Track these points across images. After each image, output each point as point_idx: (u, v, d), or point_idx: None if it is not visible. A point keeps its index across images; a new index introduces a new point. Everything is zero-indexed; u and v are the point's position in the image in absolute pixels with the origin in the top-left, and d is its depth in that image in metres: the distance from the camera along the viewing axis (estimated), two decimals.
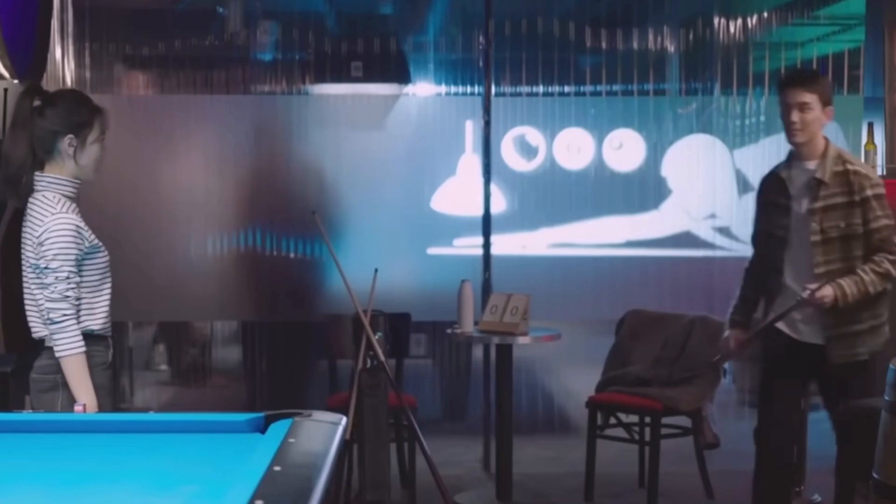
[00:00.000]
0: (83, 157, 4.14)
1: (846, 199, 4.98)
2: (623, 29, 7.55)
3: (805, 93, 4.97)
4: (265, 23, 7.61)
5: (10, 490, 2.74)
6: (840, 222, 4.99)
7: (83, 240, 4.07)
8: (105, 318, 4.18)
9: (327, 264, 5.62)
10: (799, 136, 5.02)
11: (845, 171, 5.00)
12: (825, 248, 5.00)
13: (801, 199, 5.07)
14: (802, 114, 4.98)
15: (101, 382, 4.09)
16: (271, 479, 2.49)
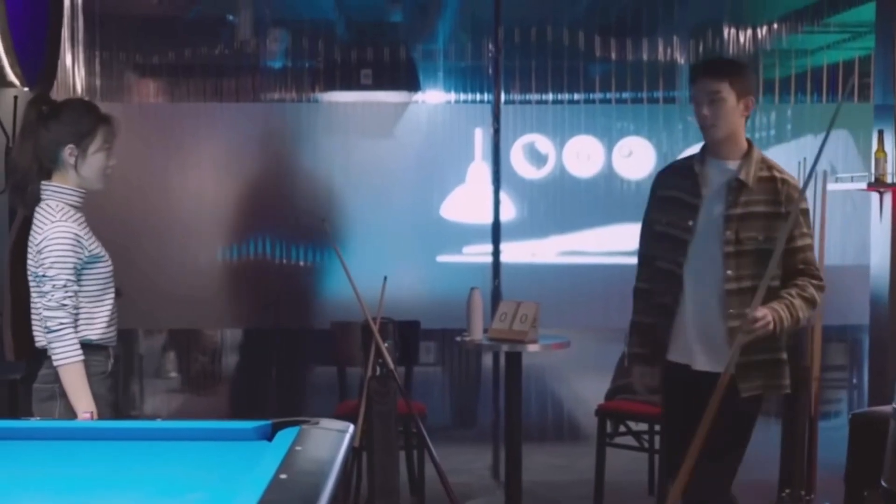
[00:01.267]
0: (85, 167, 4.13)
1: (769, 209, 4.34)
2: (633, 37, 7.55)
3: (714, 82, 4.36)
4: (275, 31, 7.62)
5: (19, 496, 2.74)
6: (759, 234, 4.33)
7: (83, 249, 4.06)
8: (105, 328, 4.16)
9: (337, 272, 5.62)
10: (712, 132, 4.38)
11: (772, 177, 4.39)
12: (738, 261, 4.33)
13: (716, 202, 4.40)
14: (713, 106, 4.35)
15: (99, 392, 4.08)
16: (277, 487, 2.49)
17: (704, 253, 4.37)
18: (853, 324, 7.38)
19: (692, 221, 4.40)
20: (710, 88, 4.35)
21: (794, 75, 7.45)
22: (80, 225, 4.10)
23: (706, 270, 4.37)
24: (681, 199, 4.45)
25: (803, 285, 4.33)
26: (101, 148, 4.15)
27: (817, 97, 7.45)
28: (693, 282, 4.40)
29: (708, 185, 4.42)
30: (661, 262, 4.51)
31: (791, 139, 7.42)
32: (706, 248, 4.37)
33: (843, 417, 7.13)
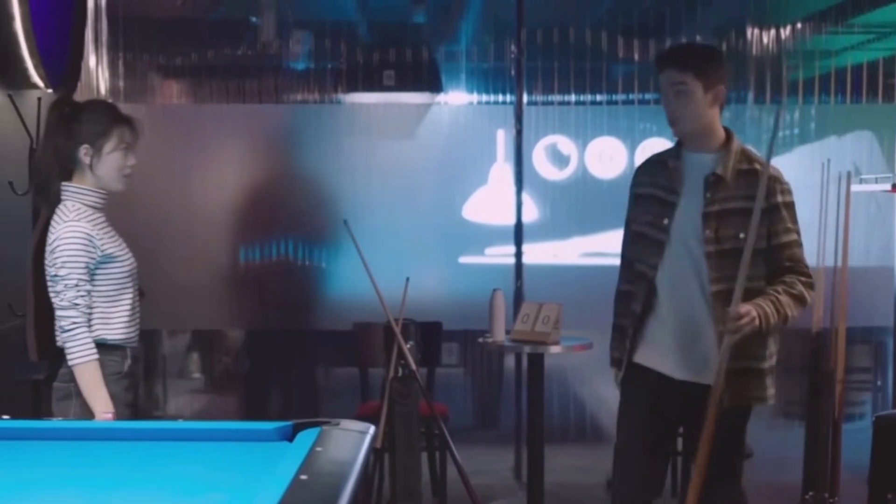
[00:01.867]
0: (100, 167, 4.15)
1: (750, 204, 3.98)
2: (655, 38, 7.52)
3: (678, 73, 4.07)
4: (298, 32, 7.63)
5: (42, 496, 2.76)
6: (739, 232, 4.01)
7: (95, 248, 4.07)
8: (123, 328, 4.17)
9: (359, 273, 5.61)
10: (678, 126, 4.12)
11: (752, 170, 4.08)
12: (721, 261, 4.03)
13: (693, 198, 4.11)
14: (678, 98, 4.07)
15: (114, 392, 4.09)
16: (298, 488, 2.50)
17: (685, 254, 4.10)
18: (877, 325, 7.35)
19: (667, 220, 4.12)
20: (674, 79, 4.09)
21: (818, 76, 7.42)
22: (94, 225, 4.11)
23: (687, 273, 4.10)
24: (657, 197, 4.19)
25: (791, 282, 4.06)
26: (117, 148, 4.15)
27: (841, 98, 7.41)
28: (671, 285, 4.13)
29: (684, 181, 4.14)
30: (637, 264, 4.26)
31: (815, 140, 7.39)
32: (686, 248, 4.10)
33: (866, 420, 7.10)
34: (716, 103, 4.11)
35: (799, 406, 6.23)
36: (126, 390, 4.16)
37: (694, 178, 4.12)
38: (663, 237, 4.12)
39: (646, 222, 4.19)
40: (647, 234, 4.18)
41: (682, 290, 4.11)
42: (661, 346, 4.17)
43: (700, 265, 4.06)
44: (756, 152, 4.23)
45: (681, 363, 4.13)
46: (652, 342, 4.20)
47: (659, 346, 4.17)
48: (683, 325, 4.12)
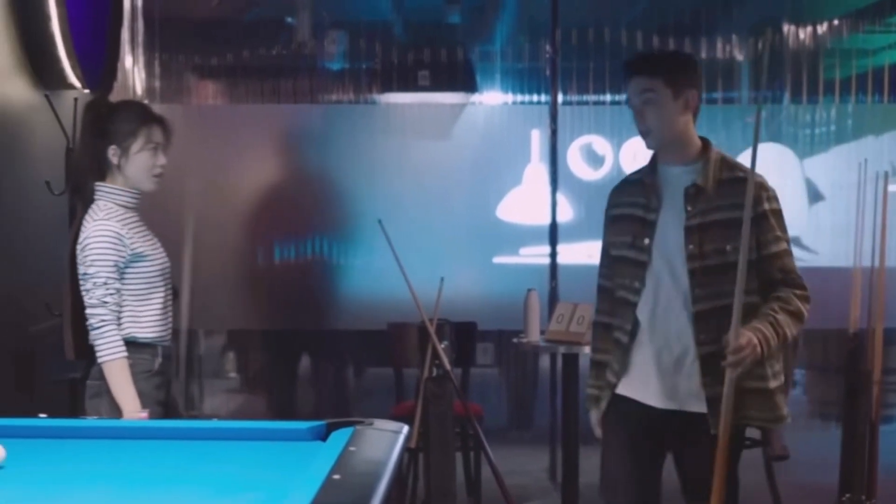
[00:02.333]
0: (129, 167, 4.18)
1: (735, 214, 3.70)
2: (691, 37, 7.50)
3: (645, 79, 3.81)
4: (333, 32, 7.65)
5: (80, 494, 2.78)
6: (725, 244, 3.74)
7: (124, 247, 4.10)
8: (153, 326, 4.19)
9: (393, 273, 5.61)
10: (649, 138, 3.86)
11: (735, 178, 3.79)
12: (706, 278, 3.74)
13: (673, 213, 3.83)
14: (647, 108, 3.81)
15: (144, 390, 4.11)
16: (331, 488, 2.50)
17: (667, 274, 3.81)
18: None
19: (648, 239, 3.83)
20: (641, 87, 3.82)
21: (854, 75, 7.38)
22: (123, 224, 4.14)
23: (670, 293, 3.80)
24: (634, 216, 3.90)
25: (787, 297, 3.77)
26: (144, 148, 4.17)
27: (878, 98, 7.37)
28: (653, 308, 3.83)
29: (662, 197, 3.85)
30: (618, 291, 3.96)
31: (851, 139, 7.35)
32: (669, 267, 3.80)
33: None
34: (688, 110, 3.83)
35: (835, 407, 6.20)
36: (156, 388, 4.18)
37: (672, 192, 3.84)
38: (644, 258, 3.84)
39: (625, 244, 3.91)
40: (626, 256, 3.90)
41: (666, 312, 3.81)
42: (643, 375, 3.87)
43: (684, 284, 3.77)
44: (735, 159, 3.95)
45: (665, 391, 3.84)
46: (634, 371, 3.90)
47: (641, 375, 3.88)
48: (666, 350, 3.83)
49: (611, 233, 4.01)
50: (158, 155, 4.21)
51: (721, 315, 3.66)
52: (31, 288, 5.41)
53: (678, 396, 3.82)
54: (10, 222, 5.39)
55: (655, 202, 3.85)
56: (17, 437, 3.26)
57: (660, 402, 3.84)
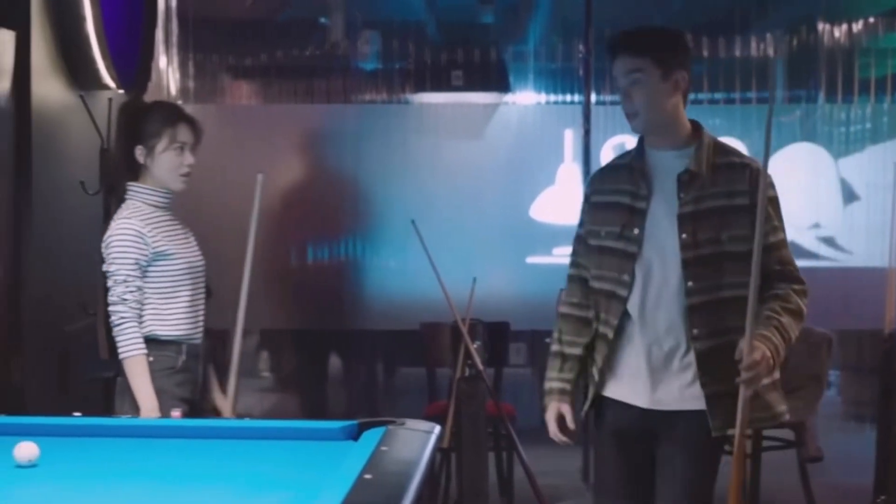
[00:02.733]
0: (155, 167, 4.22)
1: (730, 201, 3.52)
2: (725, 36, 7.47)
3: (632, 58, 3.56)
4: (366, 32, 7.66)
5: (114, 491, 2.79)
6: (720, 233, 3.51)
7: (146, 245, 4.13)
8: (177, 324, 4.21)
9: (426, 272, 5.61)
10: (636, 121, 3.60)
11: (730, 163, 3.57)
12: (699, 269, 3.51)
13: (664, 201, 3.58)
14: (634, 88, 3.55)
15: (165, 387, 4.14)
16: (362, 487, 2.50)
17: (659, 266, 3.56)
18: None
19: (638, 229, 3.57)
20: (627, 66, 3.56)
21: (890, 74, 7.33)
22: (147, 222, 4.17)
23: (662, 287, 3.55)
24: (621, 205, 3.63)
25: (786, 295, 3.54)
26: (169, 148, 4.20)
27: None
28: (643, 303, 3.57)
29: (651, 183, 3.60)
30: (600, 282, 3.67)
31: (887, 139, 7.30)
32: (661, 259, 3.55)
33: None
34: (677, 92, 3.58)
35: (870, 408, 6.16)
36: (179, 385, 4.20)
37: (662, 178, 3.59)
38: (633, 248, 3.57)
39: (611, 234, 3.63)
40: (612, 247, 3.62)
41: (656, 306, 3.56)
42: (631, 373, 3.62)
43: (675, 276, 3.53)
44: (728, 144, 3.77)
45: (654, 390, 3.59)
46: (621, 369, 3.65)
47: (629, 374, 3.63)
48: (656, 346, 3.58)
49: (593, 221, 3.71)
50: (185, 154, 4.23)
51: (716, 308, 3.50)
52: (66, 287, 5.44)
53: (669, 395, 3.58)
54: (46, 222, 5.42)
55: (645, 189, 3.59)
56: (52, 435, 3.28)
57: (649, 402, 3.60)
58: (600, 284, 3.67)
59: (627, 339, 3.62)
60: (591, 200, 3.74)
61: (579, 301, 3.77)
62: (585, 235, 3.74)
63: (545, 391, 3.80)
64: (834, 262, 7.23)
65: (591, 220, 3.72)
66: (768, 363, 3.41)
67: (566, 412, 3.73)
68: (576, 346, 3.75)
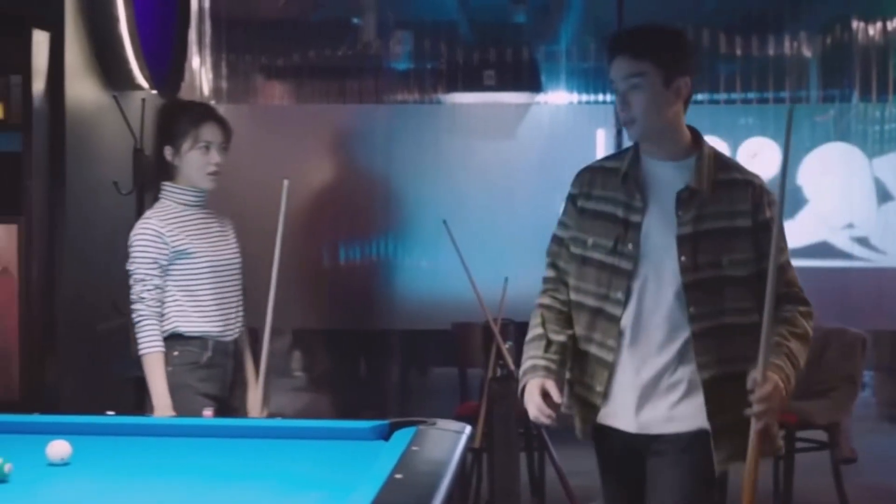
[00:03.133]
0: (183, 166, 4.28)
1: (732, 222, 3.30)
2: (759, 35, 7.43)
3: (631, 61, 3.30)
4: (398, 32, 7.67)
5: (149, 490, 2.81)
6: (720, 257, 3.28)
7: (165, 245, 4.20)
8: (201, 320, 4.26)
9: (458, 272, 5.61)
10: (633, 129, 3.34)
11: (732, 180, 3.34)
12: (700, 294, 3.27)
13: (661, 217, 3.33)
14: (632, 94, 3.30)
15: (187, 382, 4.20)
16: (392, 487, 2.51)
17: (653, 285, 3.32)
18: None
19: (632, 244, 3.32)
20: (627, 70, 3.31)
21: None
22: (168, 221, 4.24)
23: (653, 307, 3.32)
24: (614, 216, 3.36)
25: (793, 319, 3.32)
26: (195, 147, 4.25)
27: None
28: (634, 322, 3.33)
29: (646, 195, 3.35)
30: (578, 295, 3.44)
31: None
32: (655, 278, 3.31)
33: None
34: (679, 99, 3.33)
35: None
36: (202, 381, 4.23)
37: (659, 191, 3.35)
38: (626, 265, 3.32)
39: (600, 247, 3.37)
40: (601, 261, 3.36)
41: (647, 325, 3.32)
42: (622, 397, 3.38)
43: (670, 297, 3.29)
44: (728, 156, 3.55)
45: (643, 413, 3.35)
46: (613, 392, 3.40)
47: (620, 397, 3.38)
48: (645, 367, 3.33)
49: (580, 228, 3.44)
50: (211, 153, 4.27)
51: (720, 335, 3.28)
52: (99, 287, 5.47)
53: (656, 418, 3.34)
54: (79, 222, 5.45)
55: (639, 201, 3.34)
56: (85, 433, 3.30)
57: (636, 426, 3.36)
58: (579, 297, 3.43)
59: (619, 362, 3.36)
60: (578, 205, 3.47)
61: (564, 299, 3.48)
62: (568, 241, 3.47)
63: (525, 369, 3.44)
64: (868, 263, 7.18)
65: (577, 226, 3.45)
66: (781, 394, 3.19)
67: (551, 388, 3.34)
68: (560, 334, 3.45)
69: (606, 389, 3.39)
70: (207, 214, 4.36)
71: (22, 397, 5.03)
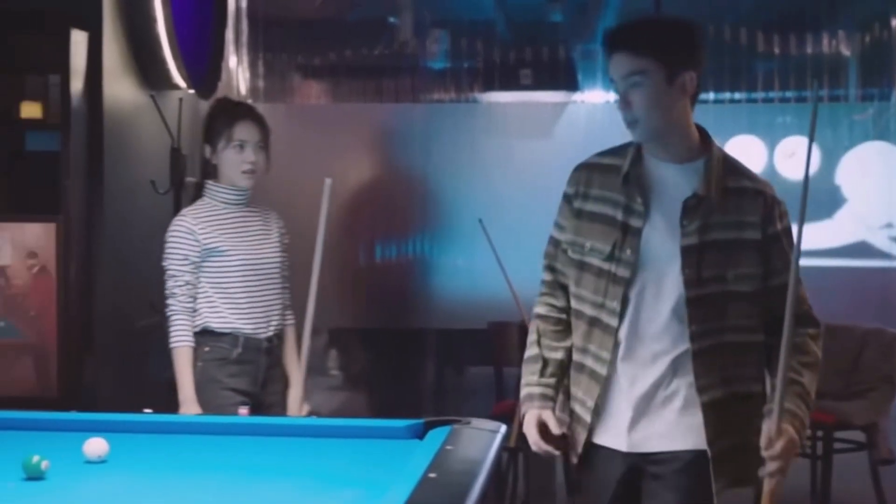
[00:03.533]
0: (220, 165, 4.33)
1: (737, 234, 3.06)
2: (797, 33, 7.39)
3: (632, 57, 3.05)
4: (435, 31, 7.67)
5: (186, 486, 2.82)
6: (726, 271, 3.04)
7: (196, 242, 4.25)
8: (232, 317, 4.29)
9: (494, 272, 5.61)
10: (636, 130, 3.11)
11: (742, 188, 3.09)
12: (703, 310, 3.03)
13: (664, 225, 3.08)
14: (633, 92, 3.06)
15: (216, 377, 4.26)
16: (427, 486, 2.50)
17: (652, 296, 3.08)
18: None
19: (630, 250, 3.08)
20: (626, 67, 3.06)
21: None
22: (201, 219, 4.30)
23: (651, 317, 3.09)
24: (613, 219, 3.12)
25: (803, 345, 3.06)
26: (229, 146, 4.29)
27: None
28: (630, 333, 3.10)
29: (648, 199, 3.11)
30: (577, 303, 3.22)
31: None
32: (655, 288, 3.08)
33: None
34: (685, 96, 3.08)
35: None
36: (232, 377, 4.27)
37: (663, 195, 3.11)
38: (624, 273, 3.08)
39: (597, 252, 3.14)
40: (598, 267, 3.13)
41: (645, 338, 3.09)
42: (616, 413, 3.14)
43: (673, 312, 3.06)
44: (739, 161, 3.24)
45: (638, 433, 3.11)
46: (610, 412, 3.16)
47: (614, 413, 3.15)
48: (640, 381, 3.11)
49: (576, 231, 3.21)
50: (245, 152, 4.30)
51: (720, 354, 3.05)
52: (136, 286, 5.49)
53: (652, 435, 3.10)
54: (117, 221, 5.48)
55: (640, 205, 3.10)
56: (122, 431, 3.32)
57: (628, 444, 3.13)
58: (578, 305, 3.21)
59: (612, 373, 3.13)
60: (575, 206, 3.24)
61: (562, 305, 3.28)
62: (566, 245, 3.25)
63: (523, 397, 3.31)
64: None
65: (574, 229, 3.22)
66: (796, 449, 2.97)
67: (548, 419, 3.19)
68: (556, 350, 3.28)
69: (598, 405, 3.15)
70: (250, 212, 4.41)
71: (60, 395, 5.07)
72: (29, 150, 5.29)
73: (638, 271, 3.07)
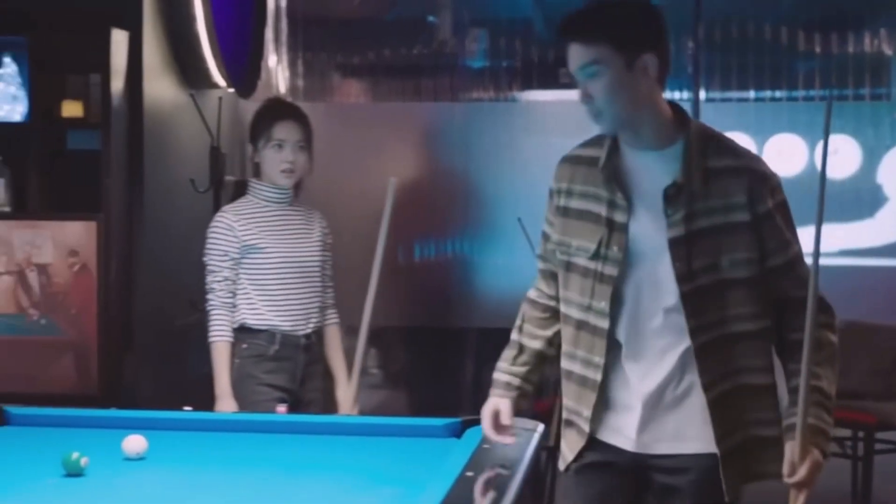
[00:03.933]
0: (262, 164, 4.37)
1: (724, 218, 2.87)
2: (838, 31, 7.34)
3: (585, 47, 2.87)
4: (474, 30, 7.66)
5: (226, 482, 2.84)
6: (720, 259, 2.86)
7: (235, 238, 4.31)
8: (270, 314, 4.34)
9: (532, 271, 5.60)
10: (601, 123, 2.93)
11: (725, 168, 2.88)
12: (697, 305, 2.87)
13: (649, 217, 2.91)
14: (591, 83, 2.87)
15: (252, 373, 4.31)
16: (463, 485, 2.51)
17: (649, 292, 2.93)
18: None
19: (617, 247, 2.91)
20: (581, 59, 2.87)
21: None
22: (242, 216, 4.36)
23: (650, 314, 2.93)
24: (597, 216, 2.96)
25: (817, 338, 2.84)
26: (268, 145, 4.33)
27: None
28: (629, 333, 2.96)
29: (630, 192, 2.93)
30: (565, 306, 3.08)
31: None
32: (650, 284, 2.92)
33: None
34: (648, 78, 2.87)
35: None
36: (269, 373, 4.31)
37: (644, 185, 2.93)
38: (612, 271, 2.92)
39: (584, 251, 2.98)
40: (585, 266, 2.97)
41: (651, 340, 2.94)
42: (622, 416, 2.99)
43: (673, 307, 2.90)
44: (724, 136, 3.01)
45: (648, 434, 2.96)
46: (616, 410, 3.01)
47: (618, 418, 3.00)
48: (646, 380, 2.96)
49: (563, 230, 3.05)
50: (283, 151, 4.34)
51: (724, 347, 2.89)
52: (176, 284, 5.52)
53: (663, 436, 2.96)
54: (157, 219, 5.50)
55: (622, 199, 2.92)
56: (162, 429, 3.34)
57: (636, 444, 2.98)
58: (565, 308, 3.07)
59: (613, 372, 2.98)
60: (561, 204, 3.07)
61: (552, 293, 3.15)
62: (553, 246, 3.11)
63: (493, 380, 3.25)
64: None
65: (560, 228, 3.06)
66: (820, 469, 2.84)
67: (503, 408, 3.11)
68: (536, 339, 3.19)
69: (595, 413, 2.99)
70: (292, 211, 4.44)
71: (100, 393, 5.10)
72: (70, 148, 5.33)
73: (629, 268, 2.92)
